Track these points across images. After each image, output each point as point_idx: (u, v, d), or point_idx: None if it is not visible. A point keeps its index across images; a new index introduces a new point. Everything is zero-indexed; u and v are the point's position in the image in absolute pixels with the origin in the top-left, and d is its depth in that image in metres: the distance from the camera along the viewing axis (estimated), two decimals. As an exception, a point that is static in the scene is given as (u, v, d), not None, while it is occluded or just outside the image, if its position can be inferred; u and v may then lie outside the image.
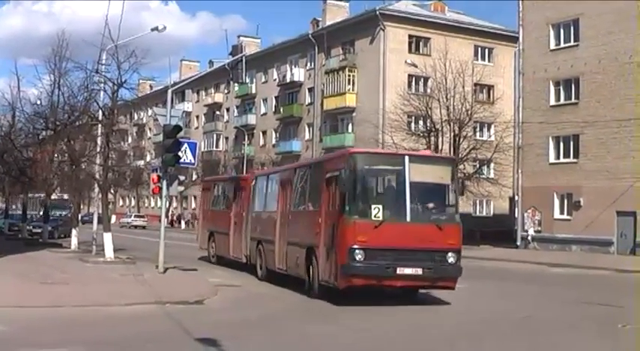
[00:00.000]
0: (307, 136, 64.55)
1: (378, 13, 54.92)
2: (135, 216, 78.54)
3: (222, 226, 26.47)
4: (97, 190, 29.83)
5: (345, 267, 15.17)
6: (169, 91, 24.91)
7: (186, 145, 22.40)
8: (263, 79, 71.28)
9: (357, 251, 15.10)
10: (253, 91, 72.46)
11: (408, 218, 15.48)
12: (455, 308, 16.16)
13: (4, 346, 10.50)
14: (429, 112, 41.67)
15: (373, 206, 15.41)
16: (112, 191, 53.50)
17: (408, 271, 15.39)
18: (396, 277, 15.45)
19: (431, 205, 16.25)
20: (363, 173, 15.92)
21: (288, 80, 66.20)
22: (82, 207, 33.30)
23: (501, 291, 20.48)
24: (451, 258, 15.80)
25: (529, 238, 41.87)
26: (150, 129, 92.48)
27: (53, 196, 42.19)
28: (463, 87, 41.01)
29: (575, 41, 40.38)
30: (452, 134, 40.52)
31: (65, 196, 58.53)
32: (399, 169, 15.84)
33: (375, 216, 15.28)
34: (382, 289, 16.73)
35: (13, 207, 61.44)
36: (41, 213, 43.33)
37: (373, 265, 15.23)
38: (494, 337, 12.57)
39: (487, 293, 19.71)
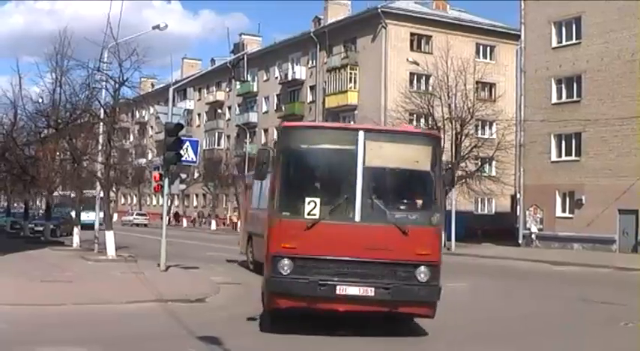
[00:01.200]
0: (310, 135, 64.31)
1: (379, 10, 54.90)
2: (136, 214, 78.55)
3: (258, 228, 21.11)
4: (98, 188, 29.84)
5: (267, 283, 11.56)
6: (171, 89, 24.93)
7: (187, 143, 22.40)
8: (265, 77, 71.28)
9: (281, 261, 11.20)
10: (255, 89, 72.47)
11: (357, 217, 11.24)
12: (455, 306, 16.13)
13: (5, 343, 10.50)
14: (431, 110, 41.63)
15: (308, 200, 11.26)
16: (114, 189, 53.49)
17: (352, 291, 11.12)
18: (336, 299, 11.13)
19: (397, 199, 11.92)
20: (297, 154, 11.92)
21: (289, 78, 66.21)
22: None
23: (503, 289, 20.47)
24: (422, 274, 11.27)
25: (533, 235, 41.86)
26: (151, 127, 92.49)
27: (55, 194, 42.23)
28: (465, 85, 40.95)
29: (577, 39, 40.36)
30: (454, 132, 40.46)
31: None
32: (349, 150, 11.53)
33: (309, 213, 11.20)
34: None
35: (15, 205, 61.53)
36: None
37: (302, 281, 11.07)
38: (494, 336, 12.56)
39: (488, 291, 19.70)
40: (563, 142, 41.18)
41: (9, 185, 44.75)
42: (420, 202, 12.00)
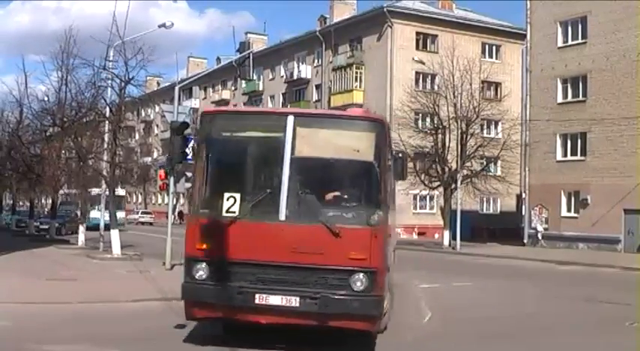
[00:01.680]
0: (314, 133, 64.32)
1: (385, 10, 54.83)
2: (142, 212, 78.63)
3: None
4: (104, 186, 29.90)
5: (182, 289, 10.24)
6: (177, 88, 25.00)
7: (193, 141, 22.42)
8: (270, 76, 71.28)
9: (195, 265, 10.04)
10: (260, 88, 72.45)
11: (282, 216, 9.76)
12: (461, 304, 16.15)
13: (10, 341, 10.54)
14: (436, 110, 41.61)
15: (227, 195, 9.89)
16: (120, 188, 53.57)
17: (274, 300, 9.66)
18: (255, 309, 9.73)
19: (330, 195, 10.29)
20: (218, 144, 10.65)
21: (295, 77, 66.21)
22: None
23: (508, 288, 20.47)
24: (357, 283, 9.62)
25: (539, 235, 41.86)
26: (157, 126, 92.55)
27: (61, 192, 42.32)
28: (470, 84, 40.90)
29: (582, 39, 40.32)
30: (459, 132, 40.45)
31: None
32: (276, 137, 10.08)
33: (227, 210, 9.86)
34: None
35: (20, 203, 61.67)
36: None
37: (218, 287, 9.81)
38: (500, 334, 12.57)
39: (493, 290, 19.71)
40: (569, 142, 41.14)
41: (14, 183, 44.86)
42: (358, 198, 10.28)
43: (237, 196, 9.86)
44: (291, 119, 10.04)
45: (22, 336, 10.98)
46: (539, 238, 41.83)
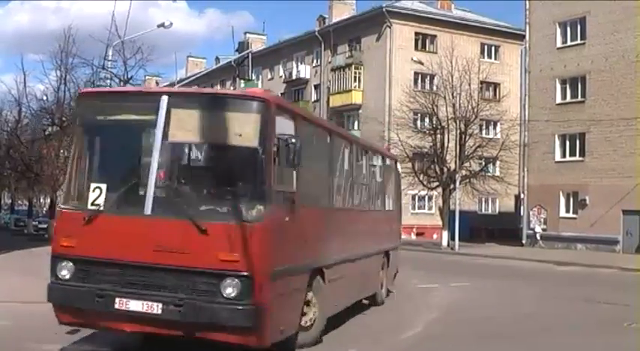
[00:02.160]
0: (313, 133, 64.28)
1: (384, 10, 54.81)
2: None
3: None
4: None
5: (48, 290, 9.26)
6: (175, 88, 24.93)
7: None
8: (269, 76, 71.21)
9: (59, 264, 9.06)
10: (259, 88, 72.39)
11: (148, 209, 8.55)
12: (459, 305, 16.15)
13: (8, 341, 10.52)
14: (435, 110, 41.63)
15: (93, 186, 8.89)
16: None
17: (135, 306, 8.52)
18: (116, 315, 8.67)
19: (205, 186, 9.10)
20: (91, 128, 9.57)
21: (294, 77, 66.16)
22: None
23: (506, 289, 20.46)
24: (229, 289, 8.32)
25: (537, 235, 41.90)
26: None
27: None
28: (469, 84, 40.93)
29: (581, 39, 40.34)
30: (458, 132, 40.46)
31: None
32: (148, 121, 8.85)
33: (92, 203, 8.79)
34: None
35: (19, 203, 61.65)
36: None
37: (80, 289, 8.76)
38: (498, 335, 12.57)
39: (491, 291, 19.71)
40: (568, 143, 41.18)
41: (13, 183, 44.91)
42: (237, 189, 8.74)
43: (104, 186, 8.80)
44: (164, 99, 8.80)
45: (22, 335, 10.96)
46: (538, 238, 41.86)
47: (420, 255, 34.56)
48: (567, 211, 41.09)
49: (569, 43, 41.29)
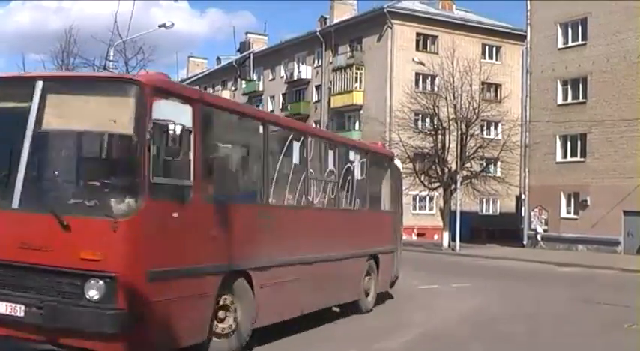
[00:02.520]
0: (314, 134, 64.23)
1: (385, 10, 54.81)
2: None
3: None
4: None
5: None
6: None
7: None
8: (270, 77, 71.24)
9: None
10: (260, 88, 72.40)
11: (16, 203, 7.93)
12: (460, 305, 16.15)
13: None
14: (436, 111, 41.60)
15: None
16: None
17: None
18: None
19: (76, 177, 8.37)
20: None
21: (295, 77, 66.17)
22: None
23: (507, 289, 20.47)
24: (92, 290, 7.59)
25: (538, 236, 41.89)
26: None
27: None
28: (470, 85, 40.90)
29: (583, 40, 40.32)
30: (459, 133, 40.44)
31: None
32: (22, 108, 8.16)
33: None
34: None
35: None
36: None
37: None
38: (498, 335, 12.57)
39: (492, 291, 19.70)
40: (569, 143, 41.16)
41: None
42: (109, 181, 7.87)
43: None
44: (39, 84, 8.10)
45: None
46: (539, 239, 41.86)
47: (421, 256, 34.54)
48: (568, 212, 41.08)
49: (570, 43, 41.28)
